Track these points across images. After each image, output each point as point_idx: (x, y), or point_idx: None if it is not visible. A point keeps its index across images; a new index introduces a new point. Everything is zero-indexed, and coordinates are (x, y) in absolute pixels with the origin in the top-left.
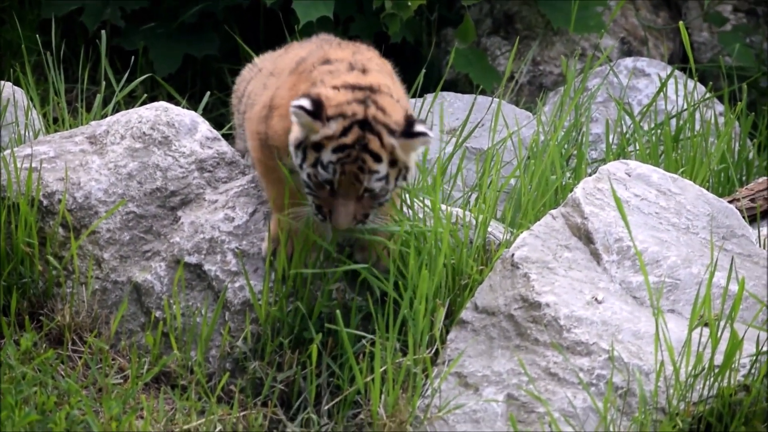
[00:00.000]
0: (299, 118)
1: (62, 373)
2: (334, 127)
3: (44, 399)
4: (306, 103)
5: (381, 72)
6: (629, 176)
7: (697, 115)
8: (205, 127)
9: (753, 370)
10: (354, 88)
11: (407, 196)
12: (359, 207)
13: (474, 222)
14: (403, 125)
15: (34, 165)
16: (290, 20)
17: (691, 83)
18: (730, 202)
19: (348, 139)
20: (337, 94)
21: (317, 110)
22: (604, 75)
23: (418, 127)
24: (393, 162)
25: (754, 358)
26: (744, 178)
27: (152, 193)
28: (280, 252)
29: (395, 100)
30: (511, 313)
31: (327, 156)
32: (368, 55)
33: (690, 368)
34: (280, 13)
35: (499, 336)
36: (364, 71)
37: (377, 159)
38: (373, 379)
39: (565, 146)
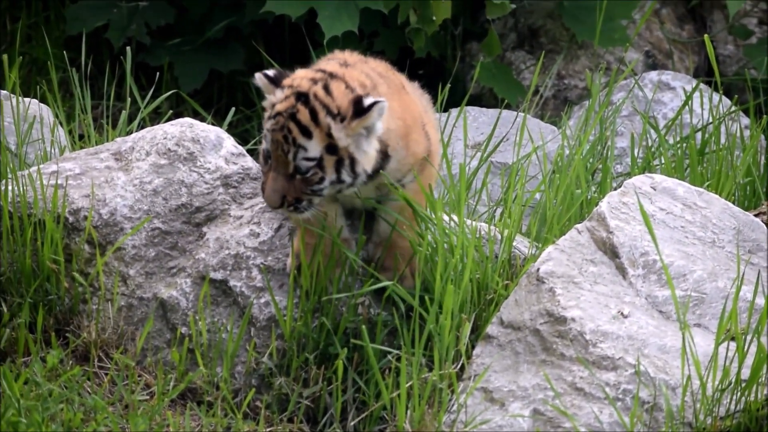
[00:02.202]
0: (261, 83)
1: (88, 389)
2: (278, 95)
3: (71, 416)
4: (271, 72)
5: (363, 72)
6: (655, 190)
7: (723, 129)
8: (230, 143)
9: None
10: (320, 71)
11: (431, 212)
12: (290, 187)
13: (499, 236)
14: (349, 110)
15: (59, 182)
16: (315, 35)
17: (716, 96)
18: (756, 215)
19: (281, 106)
20: (304, 73)
21: (277, 79)
22: (629, 88)
23: (368, 100)
24: (331, 148)
25: None
26: None
27: (177, 209)
28: (305, 268)
29: (348, 89)
30: (536, 327)
31: (266, 123)
32: (374, 65)
33: (717, 383)
34: (305, 27)
35: (525, 351)
36: (346, 65)
37: (305, 133)
38: (399, 395)
39: (591, 160)
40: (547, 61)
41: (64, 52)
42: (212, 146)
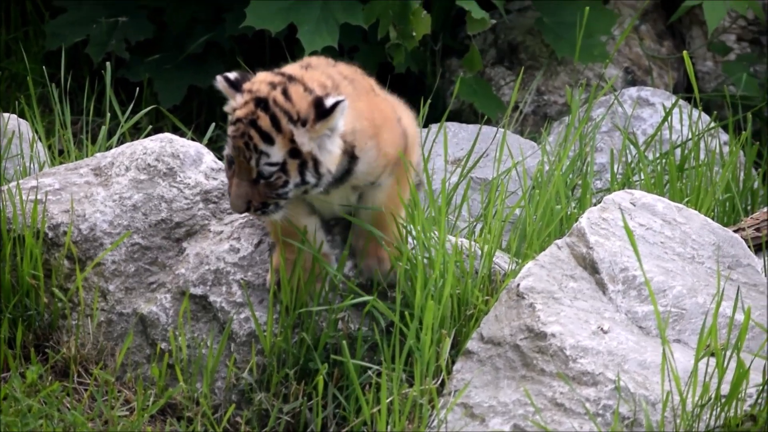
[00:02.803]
0: (221, 87)
1: (68, 405)
2: (239, 100)
3: (50, 431)
4: (233, 75)
5: (325, 73)
6: (634, 206)
7: (702, 145)
8: (210, 158)
9: (759, 400)
10: (279, 74)
11: (411, 226)
12: (255, 193)
13: (479, 252)
14: (310, 113)
15: (39, 197)
16: (295, 50)
17: (695, 113)
18: (735, 231)
19: (241, 113)
20: (263, 76)
21: (238, 83)
22: (608, 105)
23: (329, 101)
24: (294, 152)
25: (761, 388)
26: (749, 207)
27: (157, 225)
28: (284, 283)
29: (308, 92)
30: (516, 343)
31: (229, 129)
32: (341, 68)
33: (696, 398)
34: (285, 42)
35: (505, 366)
36: (307, 67)
37: (267, 140)
38: (379, 410)
39: (570, 176)
40: (527, 77)
41: (44, 67)
42: (192, 161)
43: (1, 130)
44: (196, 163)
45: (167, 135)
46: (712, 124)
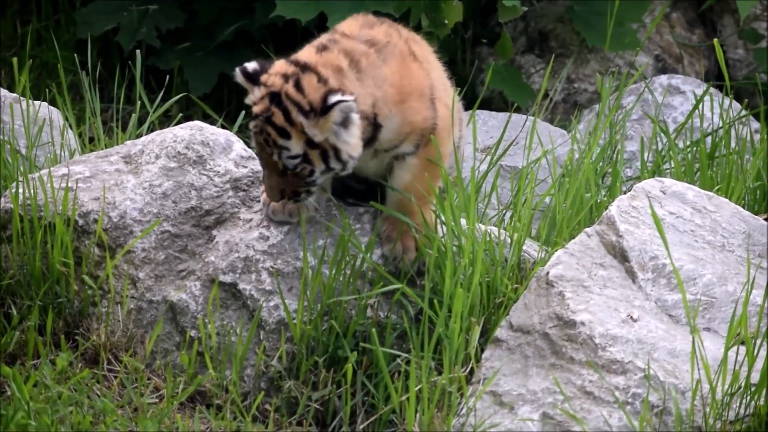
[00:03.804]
0: (240, 81)
1: (98, 392)
2: (256, 94)
3: (80, 419)
4: (251, 66)
5: (343, 50)
6: (664, 194)
7: (733, 133)
8: (239, 146)
9: None
10: (294, 63)
11: (440, 213)
12: (286, 183)
13: (509, 240)
14: (320, 106)
15: (70, 185)
16: None
17: (726, 100)
18: (766, 219)
19: (258, 109)
20: (279, 67)
21: (256, 74)
22: (639, 92)
23: (332, 99)
24: (311, 143)
25: None
26: None
27: (187, 213)
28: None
29: (321, 83)
30: (546, 331)
31: (250, 124)
32: (373, 32)
33: (726, 387)
34: (316, 31)
35: (534, 354)
36: (323, 49)
37: (283, 134)
38: (408, 398)
39: (600, 164)
40: (557, 65)
41: (75, 55)
42: (222, 149)
43: (32, 118)
44: (226, 151)
45: (197, 123)
46: (743, 112)
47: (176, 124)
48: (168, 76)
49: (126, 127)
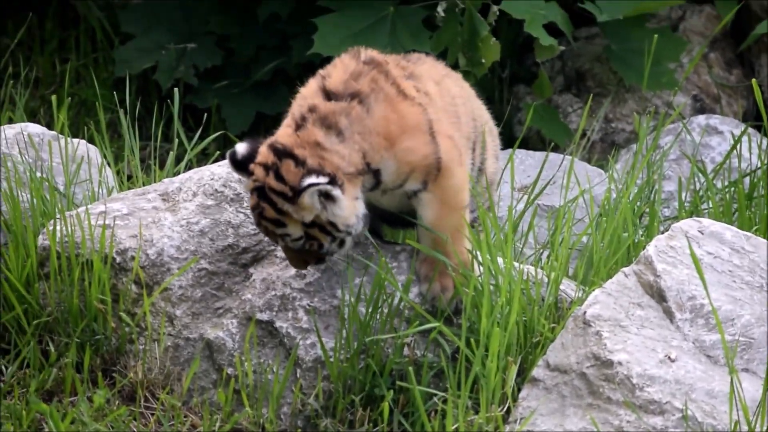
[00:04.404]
0: (231, 169)
1: (135, 429)
2: (248, 185)
3: None
4: (239, 152)
5: (320, 119)
6: (702, 234)
7: None
8: None
9: None
10: (273, 149)
11: (478, 253)
12: (305, 254)
13: (546, 279)
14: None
15: (107, 222)
16: None
17: (765, 141)
18: None
19: (251, 203)
20: (262, 155)
21: (245, 161)
22: (676, 132)
23: (302, 184)
24: (306, 224)
25: None
26: None
27: (224, 250)
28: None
29: (299, 166)
30: (583, 371)
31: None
32: (362, 82)
33: (765, 428)
34: None
35: (571, 394)
36: (299, 127)
37: (279, 224)
38: None
39: (638, 204)
40: (595, 105)
41: (113, 93)
42: None
43: (71, 156)
44: None
45: None
46: None
47: (214, 161)
48: (206, 114)
49: (164, 165)
